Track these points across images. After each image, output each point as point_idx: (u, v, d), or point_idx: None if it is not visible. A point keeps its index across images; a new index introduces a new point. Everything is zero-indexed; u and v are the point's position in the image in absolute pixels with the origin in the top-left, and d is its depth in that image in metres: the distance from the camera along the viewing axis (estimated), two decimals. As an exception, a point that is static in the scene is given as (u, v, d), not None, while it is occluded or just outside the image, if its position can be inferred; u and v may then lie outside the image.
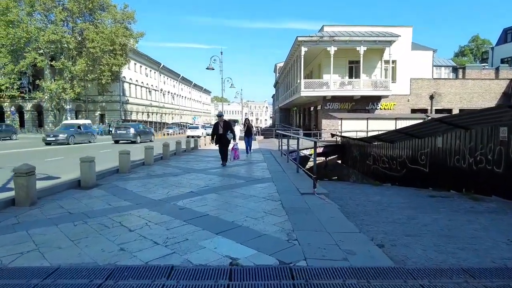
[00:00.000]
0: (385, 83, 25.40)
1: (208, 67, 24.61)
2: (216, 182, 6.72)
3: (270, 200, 5.03)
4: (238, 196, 5.34)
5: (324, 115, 26.34)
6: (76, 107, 42.83)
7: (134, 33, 38.93)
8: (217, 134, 9.59)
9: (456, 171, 8.70)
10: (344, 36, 24.78)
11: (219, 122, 9.72)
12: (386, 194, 7.79)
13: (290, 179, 7.06)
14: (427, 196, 7.13)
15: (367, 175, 15.63)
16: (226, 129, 9.52)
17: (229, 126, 9.69)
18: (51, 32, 32.91)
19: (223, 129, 9.50)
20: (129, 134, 22.32)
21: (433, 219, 4.72)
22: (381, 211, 5.46)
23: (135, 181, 6.99)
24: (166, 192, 5.82)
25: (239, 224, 3.78)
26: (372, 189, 9.36)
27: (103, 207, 4.77)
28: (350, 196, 7.31)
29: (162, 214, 4.31)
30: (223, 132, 9.46)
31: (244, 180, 6.88)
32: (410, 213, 5.17)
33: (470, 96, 27.05)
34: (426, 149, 10.45)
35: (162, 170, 8.67)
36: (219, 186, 6.26)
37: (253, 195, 5.40)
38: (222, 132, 9.47)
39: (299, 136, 8.12)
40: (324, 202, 4.99)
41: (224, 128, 9.52)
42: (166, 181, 6.94)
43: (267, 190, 5.81)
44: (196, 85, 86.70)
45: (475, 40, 59.78)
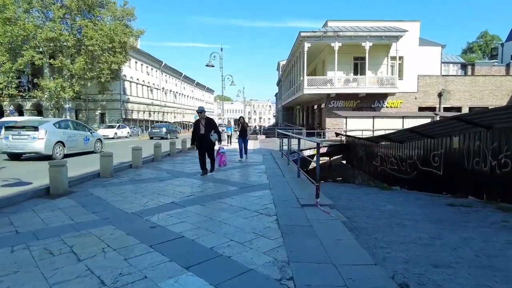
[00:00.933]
0: (392, 80, 24.40)
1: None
2: (204, 190, 5.89)
3: (264, 214, 4.19)
4: (226, 208, 4.50)
5: (328, 114, 25.43)
6: (76, 106, 42.25)
7: (134, 31, 38.18)
8: (197, 136, 7.70)
9: (476, 175, 7.81)
10: (348, 31, 23.81)
11: (199, 120, 7.71)
12: (398, 202, 6.92)
13: (289, 185, 6.21)
14: (445, 205, 6.26)
15: (374, 176, 14.75)
16: (209, 128, 7.62)
17: (212, 125, 7.76)
18: (49, 29, 32.26)
19: (205, 128, 7.60)
20: (161, 132, 28.74)
21: (461, 238, 3.86)
22: (396, 225, 4.60)
23: (114, 188, 6.18)
24: (144, 202, 5.00)
25: (219, 252, 2.94)
26: (381, 194, 8.49)
27: (63, 223, 3.96)
28: (358, 205, 6.45)
29: (128, 234, 3.49)
30: (205, 133, 7.60)
31: (236, 187, 6.04)
32: (431, 229, 4.31)
33: (481, 94, 25.97)
34: (439, 150, 9.56)
35: (149, 174, 7.86)
36: (206, 195, 5.43)
37: (244, 207, 4.56)
38: (204, 132, 7.58)
39: (300, 137, 7.28)
40: (329, 217, 4.14)
41: (207, 127, 7.61)
42: (149, 188, 6.13)
43: (262, 201, 4.97)
44: (198, 83, 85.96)
45: (484, 36, 58.22)
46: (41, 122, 11.94)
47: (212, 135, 7.64)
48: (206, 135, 7.58)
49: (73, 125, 13.09)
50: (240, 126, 11.87)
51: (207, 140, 7.60)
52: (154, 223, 3.90)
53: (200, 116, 7.73)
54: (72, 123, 13.32)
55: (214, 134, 7.68)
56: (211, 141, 7.67)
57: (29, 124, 11.32)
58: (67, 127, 12.49)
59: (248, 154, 13.12)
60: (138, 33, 38.80)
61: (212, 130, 7.67)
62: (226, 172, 8.18)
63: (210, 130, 7.62)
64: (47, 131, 10.98)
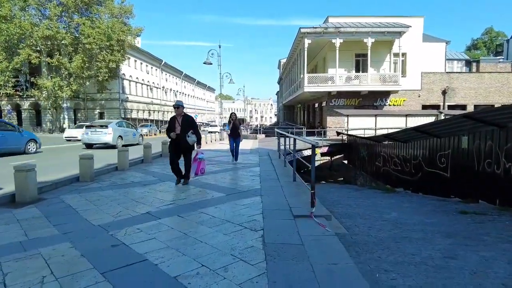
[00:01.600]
0: (395, 77, 23.73)
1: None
2: (188, 197, 5.29)
3: (249, 229, 3.59)
4: (206, 221, 3.91)
5: (329, 112, 24.79)
6: (75, 105, 41.82)
7: (133, 29, 37.64)
8: (173, 137, 6.35)
9: (487, 178, 7.18)
10: (350, 27, 23.14)
11: (176, 116, 6.32)
12: (403, 208, 6.32)
13: (283, 191, 5.61)
14: (456, 213, 5.65)
15: (376, 177, 14.13)
16: (186, 127, 6.20)
17: (190, 124, 6.32)
18: (45, 27, 31.78)
19: (181, 127, 6.19)
20: None
21: (481, 259, 3.26)
22: (403, 239, 4.00)
23: (90, 194, 5.61)
24: (117, 212, 4.43)
25: (184, 283, 2.35)
26: (385, 198, 7.89)
27: (12, 240, 3.39)
28: (360, 212, 5.85)
29: (82, 255, 2.92)
30: (182, 133, 6.18)
31: (224, 193, 5.44)
32: (444, 245, 3.71)
33: (487, 91, 25.23)
34: (447, 150, 8.93)
35: (133, 178, 7.28)
36: (188, 204, 4.83)
37: (228, 219, 3.96)
38: (180, 132, 6.18)
39: (295, 136, 6.67)
40: (324, 231, 3.55)
41: (184, 126, 6.20)
42: (128, 194, 5.55)
43: (250, 211, 4.37)
44: (199, 82, 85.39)
45: (488, 33, 57.16)
46: (108, 122, 16.36)
47: (190, 136, 6.18)
48: (182, 135, 6.17)
49: (126, 125, 17.58)
50: (231, 124, 10.19)
51: (183, 142, 6.20)
52: (118, 240, 3.31)
53: (177, 112, 6.28)
54: (125, 123, 17.84)
55: (192, 135, 6.21)
56: (188, 144, 6.22)
57: (102, 124, 15.96)
58: (122, 125, 16.99)
59: (245, 155, 12.53)
60: (136, 31, 38.28)
61: (190, 131, 6.22)
62: (216, 175, 7.57)
63: (187, 129, 6.20)
64: (113, 128, 15.44)
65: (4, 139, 11.77)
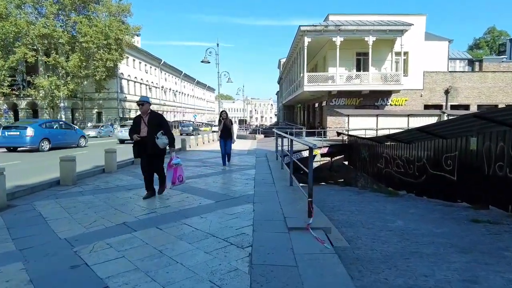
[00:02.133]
0: (396, 76, 23.25)
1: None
2: (172, 204, 4.80)
3: (235, 245, 3.10)
4: (187, 235, 3.42)
5: (329, 112, 24.29)
6: (72, 105, 41.34)
7: (131, 27, 37.15)
8: (137, 140, 5.13)
9: (499, 182, 6.67)
10: (351, 25, 22.66)
11: (141, 115, 5.20)
12: (409, 215, 5.83)
13: (278, 197, 5.13)
14: (468, 221, 5.15)
15: (378, 179, 13.65)
16: (154, 127, 5.08)
17: (160, 122, 5.23)
18: (42, 25, 31.29)
19: (148, 127, 5.06)
20: (189, 129, 35.45)
21: (507, 281, 2.78)
22: (412, 255, 3.51)
23: (67, 200, 5.13)
24: (91, 222, 3.94)
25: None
26: (388, 204, 7.40)
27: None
28: (362, 220, 5.36)
29: (30, 281, 2.43)
30: (149, 134, 5.04)
31: (213, 200, 4.95)
32: (461, 264, 3.22)
33: (490, 91, 24.73)
34: (453, 151, 8.44)
35: (118, 181, 6.79)
36: (171, 212, 4.34)
37: (213, 232, 3.47)
38: (147, 133, 5.05)
39: (292, 137, 6.16)
40: (323, 248, 3.06)
41: (151, 125, 5.07)
42: (109, 201, 5.07)
43: (239, 221, 3.88)
44: (199, 82, 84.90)
45: (491, 32, 56.50)
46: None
47: (159, 138, 5.01)
48: (150, 137, 5.00)
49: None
50: (221, 124, 8.84)
51: (152, 145, 5.03)
52: (81, 258, 2.83)
53: (142, 110, 5.15)
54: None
55: (162, 137, 5.05)
56: (157, 147, 5.06)
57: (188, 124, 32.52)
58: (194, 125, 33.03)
59: (241, 156, 12.07)
60: (134, 30, 37.80)
61: (160, 131, 5.08)
62: (208, 178, 7.08)
63: (156, 130, 5.07)
64: (191, 126, 31.95)
65: (66, 136, 15.91)
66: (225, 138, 8.87)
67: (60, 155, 6.65)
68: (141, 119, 5.17)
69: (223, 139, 8.90)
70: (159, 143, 5.04)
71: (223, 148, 8.90)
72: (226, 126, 8.83)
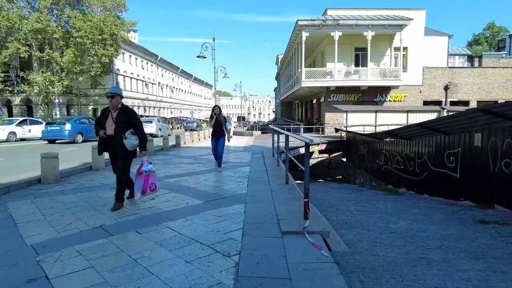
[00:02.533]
0: (395, 72, 22.86)
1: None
2: (157, 205, 4.43)
3: (221, 253, 2.75)
4: (168, 240, 3.06)
5: (327, 108, 23.91)
6: (68, 101, 40.73)
7: (126, 22, 36.52)
8: (103, 137, 4.38)
9: (505, 180, 6.36)
10: (349, 19, 22.21)
11: (110, 109, 4.36)
12: (411, 215, 5.49)
13: (272, 196, 4.78)
14: (475, 222, 4.83)
15: (377, 176, 13.34)
16: (123, 125, 4.24)
17: (130, 120, 4.34)
18: (35, 20, 30.65)
19: (116, 124, 4.22)
20: (193, 126, 37.50)
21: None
22: (418, 262, 3.18)
23: (45, 200, 4.77)
24: (65, 225, 3.59)
25: None
26: (389, 202, 7.07)
27: None
28: (361, 220, 5.03)
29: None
30: (116, 133, 4.23)
31: (201, 200, 4.59)
32: (474, 272, 2.89)
33: (490, 87, 24.41)
34: (456, 148, 8.11)
35: (105, 179, 6.40)
36: (154, 214, 3.98)
37: (197, 238, 3.11)
38: (114, 132, 4.23)
39: (288, 133, 5.79)
40: (319, 256, 2.71)
41: (120, 123, 4.24)
42: (90, 201, 4.71)
43: (228, 224, 3.52)
44: (196, 78, 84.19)
45: (490, 28, 56.06)
46: (152, 119, 24.51)
47: (128, 138, 4.21)
48: (118, 137, 4.19)
49: (162, 121, 25.22)
50: (213, 120, 7.55)
51: (119, 146, 4.21)
52: (43, 270, 2.47)
53: (112, 103, 4.30)
54: (162, 120, 25.62)
55: (132, 137, 4.26)
56: (125, 149, 4.24)
57: (147, 120, 23.14)
58: (160, 121, 24.70)
59: (237, 153, 11.70)
60: (130, 25, 37.17)
61: (130, 131, 4.27)
62: (199, 176, 6.71)
63: (124, 128, 4.23)
64: (155, 122, 22.83)
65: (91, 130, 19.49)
66: (217, 136, 7.58)
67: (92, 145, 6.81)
68: (109, 114, 4.28)
69: (215, 138, 7.61)
70: (127, 144, 4.20)
71: (214, 148, 7.63)
72: (218, 123, 7.55)
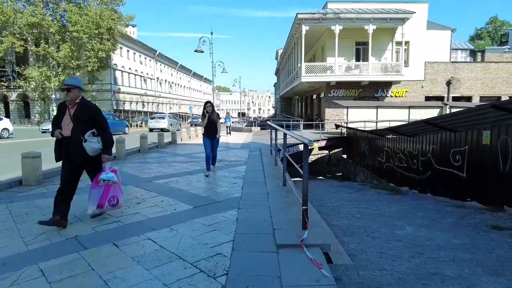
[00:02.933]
0: (397, 67, 22.42)
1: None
2: (141, 211, 4.04)
3: (205, 273, 2.37)
4: (148, 255, 2.68)
5: (327, 104, 23.49)
6: (65, 97, 40.20)
7: (123, 16, 35.92)
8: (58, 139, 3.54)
9: (516, 181, 6.01)
10: (350, 13, 21.71)
11: (68, 105, 3.54)
12: (418, 220, 5.11)
13: (268, 201, 4.40)
14: (488, 228, 4.46)
15: (378, 174, 12.98)
16: (83, 124, 3.49)
17: (92, 117, 3.54)
18: (30, 14, 30.09)
19: (74, 123, 3.45)
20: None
21: None
22: (431, 279, 2.81)
23: (21, 205, 4.40)
24: (36, 235, 3.23)
25: None
26: (392, 203, 6.71)
27: None
28: (364, 225, 4.66)
29: None
30: (74, 134, 3.44)
31: (191, 205, 4.20)
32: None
33: (493, 82, 23.97)
34: (463, 146, 7.73)
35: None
36: (136, 222, 3.59)
37: (180, 253, 2.73)
38: (72, 132, 3.45)
39: (285, 130, 5.37)
40: (319, 277, 2.33)
41: (78, 121, 3.46)
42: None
43: (217, 235, 3.14)
44: (196, 74, 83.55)
45: (493, 22, 55.37)
46: (164, 115, 27.73)
47: (88, 141, 3.46)
48: (75, 138, 3.43)
49: (173, 117, 27.96)
50: (206, 119, 6.65)
51: (78, 150, 3.45)
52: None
53: (69, 97, 3.48)
54: (172, 116, 28.60)
55: (93, 139, 3.50)
56: (85, 154, 3.48)
57: (160, 116, 26.58)
58: (171, 118, 27.05)
59: (234, 150, 11.32)
60: (127, 19, 36.57)
61: (90, 131, 3.50)
62: (192, 177, 6.31)
63: (84, 128, 3.46)
64: (167, 118, 25.37)
65: (117, 125, 21.30)
66: (211, 136, 6.73)
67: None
68: (67, 110, 3.49)
69: (208, 138, 6.73)
70: (87, 148, 3.45)
71: (208, 148, 6.69)
72: (212, 121, 6.67)
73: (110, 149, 3.71)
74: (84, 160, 3.56)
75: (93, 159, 3.60)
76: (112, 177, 3.65)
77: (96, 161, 3.64)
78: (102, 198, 3.62)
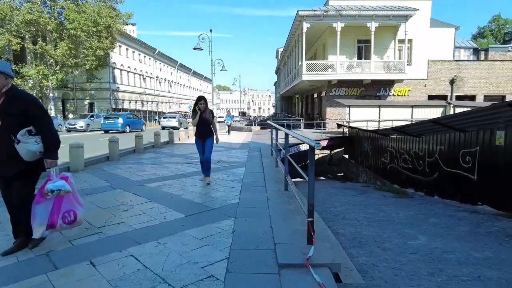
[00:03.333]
0: (400, 65, 21.98)
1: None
2: (127, 219, 3.64)
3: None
4: (127, 278, 2.29)
5: (329, 103, 23.08)
6: (63, 95, 39.84)
7: (122, 14, 35.47)
8: None
9: (534, 184, 5.63)
10: (352, 10, 21.27)
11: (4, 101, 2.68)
12: (430, 227, 4.71)
13: (269, 208, 4.00)
14: (509, 237, 4.06)
15: (382, 175, 12.60)
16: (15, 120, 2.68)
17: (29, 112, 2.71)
18: (27, 11, 29.63)
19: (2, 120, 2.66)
20: None
21: None
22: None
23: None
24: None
25: None
26: (399, 208, 6.31)
27: None
28: (373, 234, 4.26)
29: None
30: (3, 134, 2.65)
31: (183, 214, 3.79)
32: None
33: (498, 81, 23.54)
34: (473, 147, 7.35)
35: (79, 183, 5.57)
36: (120, 234, 3.20)
37: (165, 275, 2.33)
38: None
39: (286, 130, 4.97)
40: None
41: (6, 116, 2.66)
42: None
43: (209, 251, 2.74)
44: (195, 72, 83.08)
45: (496, 20, 54.86)
46: (175, 114, 31.07)
47: (24, 142, 2.68)
48: (5, 138, 2.67)
49: (181, 116, 31.01)
50: (197, 116, 5.62)
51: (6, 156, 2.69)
52: None
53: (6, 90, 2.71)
54: (181, 115, 31.63)
55: (29, 140, 2.70)
56: (18, 160, 2.69)
57: (171, 116, 29.92)
58: (180, 117, 29.66)
59: (233, 151, 10.91)
60: (125, 17, 36.11)
61: (25, 130, 2.71)
62: (187, 180, 5.90)
63: (16, 125, 2.69)
64: (177, 118, 28.31)
65: (136, 123, 24.52)
66: (203, 137, 5.69)
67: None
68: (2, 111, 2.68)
69: (200, 139, 5.72)
70: (21, 151, 2.67)
71: (200, 151, 5.76)
72: (204, 120, 5.63)
73: (55, 151, 2.87)
74: (15, 170, 2.68)
75: (29, 167, 2.74)
76: (63, 186, 2.82)
77: (30, 170, 2.79)
78: (53, 215, 2.77)
